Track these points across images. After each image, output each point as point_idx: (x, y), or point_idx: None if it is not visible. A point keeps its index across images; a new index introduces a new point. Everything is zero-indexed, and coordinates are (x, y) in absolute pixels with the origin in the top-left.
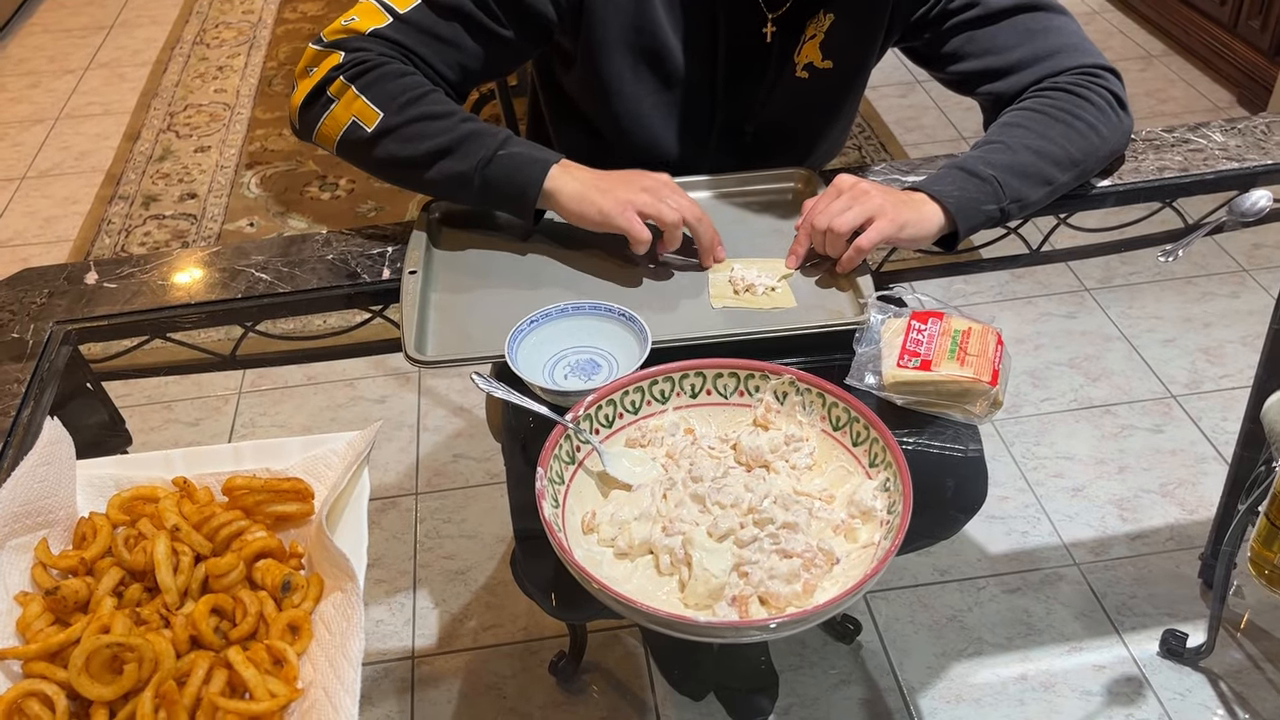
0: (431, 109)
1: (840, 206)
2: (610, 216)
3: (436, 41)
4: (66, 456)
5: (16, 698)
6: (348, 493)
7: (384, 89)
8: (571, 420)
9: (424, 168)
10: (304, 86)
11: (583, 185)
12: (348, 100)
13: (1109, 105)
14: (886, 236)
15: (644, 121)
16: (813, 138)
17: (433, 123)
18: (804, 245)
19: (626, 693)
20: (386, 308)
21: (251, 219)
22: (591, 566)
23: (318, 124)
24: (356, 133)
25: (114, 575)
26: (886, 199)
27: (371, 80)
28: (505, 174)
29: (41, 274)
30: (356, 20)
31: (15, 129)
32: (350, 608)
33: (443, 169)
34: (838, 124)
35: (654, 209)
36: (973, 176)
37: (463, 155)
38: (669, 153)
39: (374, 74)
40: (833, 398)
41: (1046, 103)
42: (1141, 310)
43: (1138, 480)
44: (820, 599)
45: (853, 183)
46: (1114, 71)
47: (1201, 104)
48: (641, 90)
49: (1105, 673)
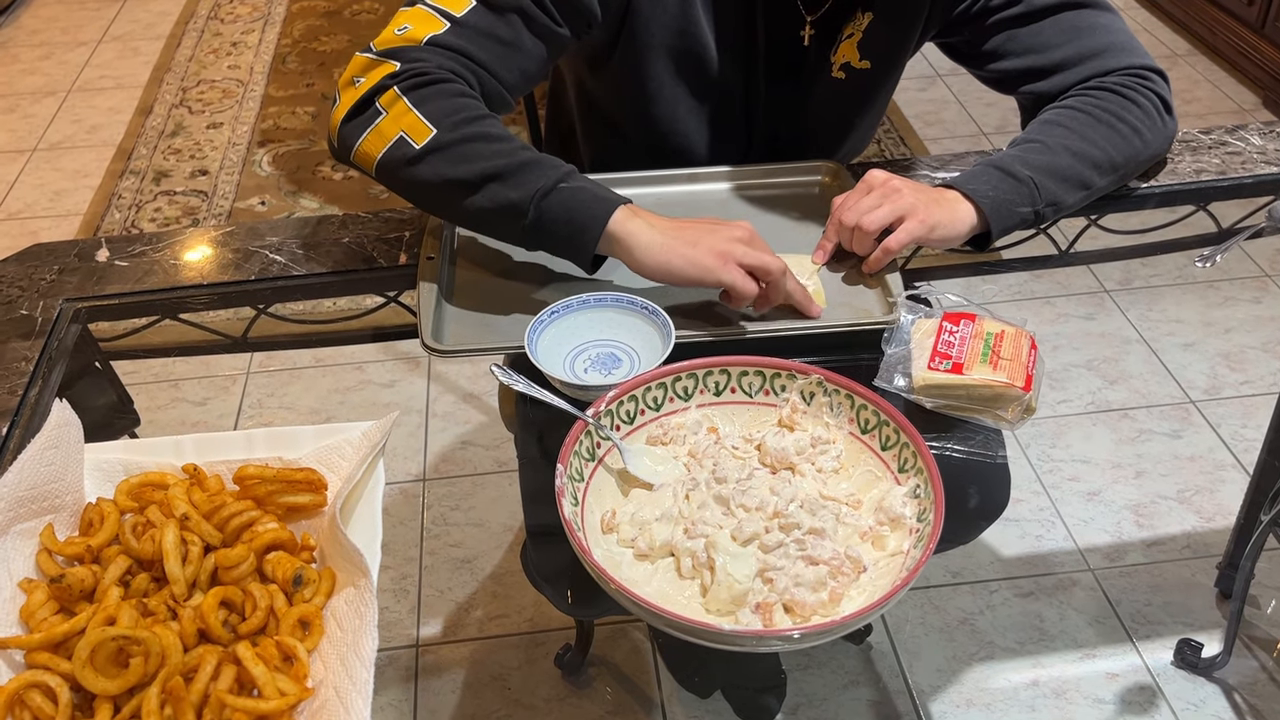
0: (490, 130)
1: (870, 204)
2: (711, 271)
3: (498, 45)
4: (75, 440)
5: (18, 689)
6: (362, 485)
7: (441, 105)
8: (592, 416)
9: (473, 190)
10: (349, 97)
11: (663, 235)
12: (398, 113)
13: (1155, 109)
14: (916, 238)
15: (680, 126)
16: (845, 136)
17: (490, 144)
18: (832, 241)
19: (632, 688)
20: (401, 294)
21: (263, 197)
22: (611, 567)
23: (359, 139)
24: (402, 149)
25: (121, 564)
26: (918, 197)
27: (429, 94)
28: (564, 209)
29: (51, 250)
30: (410, 29)
31: (27, 100)
32: (363, 604)
33: (493, 194)
34: (870, 121)
35: (757, 260)
36: (1009, 176)
37: (519, 182)
38: (701, 157)
39: (433, 88)
40: (862, 399)
41: (1090, 102)
42: (1162, 313)
43: (1155, 486)
44: (847, 608)
45: (884, 179)
46: (1161, 74)
47: (1227, 105)
48: (680, 93)
49: (1118, 681)
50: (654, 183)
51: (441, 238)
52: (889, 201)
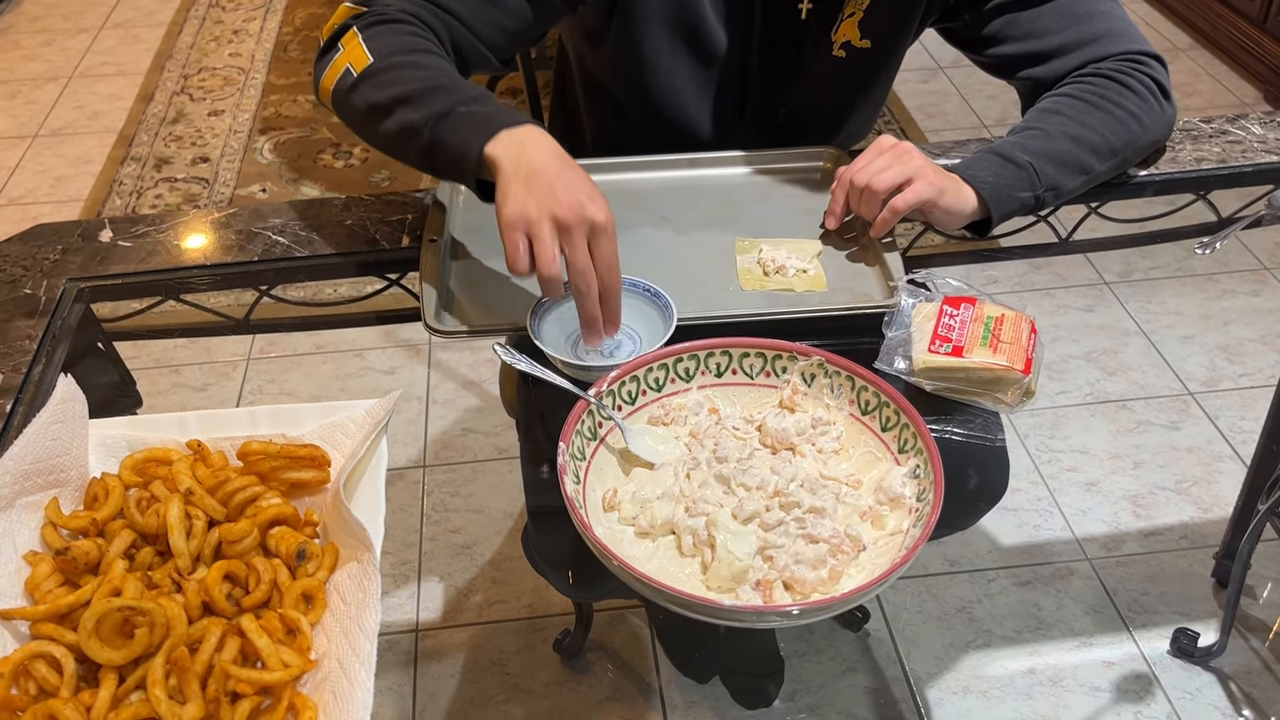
0: (422, 60)
1: (881, 165)
2: (500, 224)
3: None
4: (80, 415)
5: (24, 659)
6: (365, 461)
7: (387, 40)
8: (594, 396)
9: (386, 115)
10: (323, 38)
11: (515, 167)
12: (351, 48)
13: (1152, 94)
14: (924, 199)
15: (678, 99)
16: (845, 118)
17: (414, 70)
18: (840, 203)
19: (631, 673)
20: (404, 276)
21: (264, 185)
22: (612, 544)
23: (321, 74)
24: (345, 80)
25: (126, 537)
26: (927, 162)
27: (381, 31)
28: (454, 132)
29: (55, 230)
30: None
31: (29, 86)
32: (366, 578)
33: (400, 117)
34: (871, 104)
35: (541, 243)
36: (1008, 162)
37: (423, 104)
38: (701, 132)
39: (387, 26)
40: (863, 381)
41: (1087, 89)
42: (1161, 306)
43: (1153, 477)
44: (846, 586)
45: (894, 143)
46: (1159, 59)
47: (1228, 99)
48: (677, 66)
49: (1114, 669)
50: (656, 167)
51: (444, 219)
52: (899, 163)
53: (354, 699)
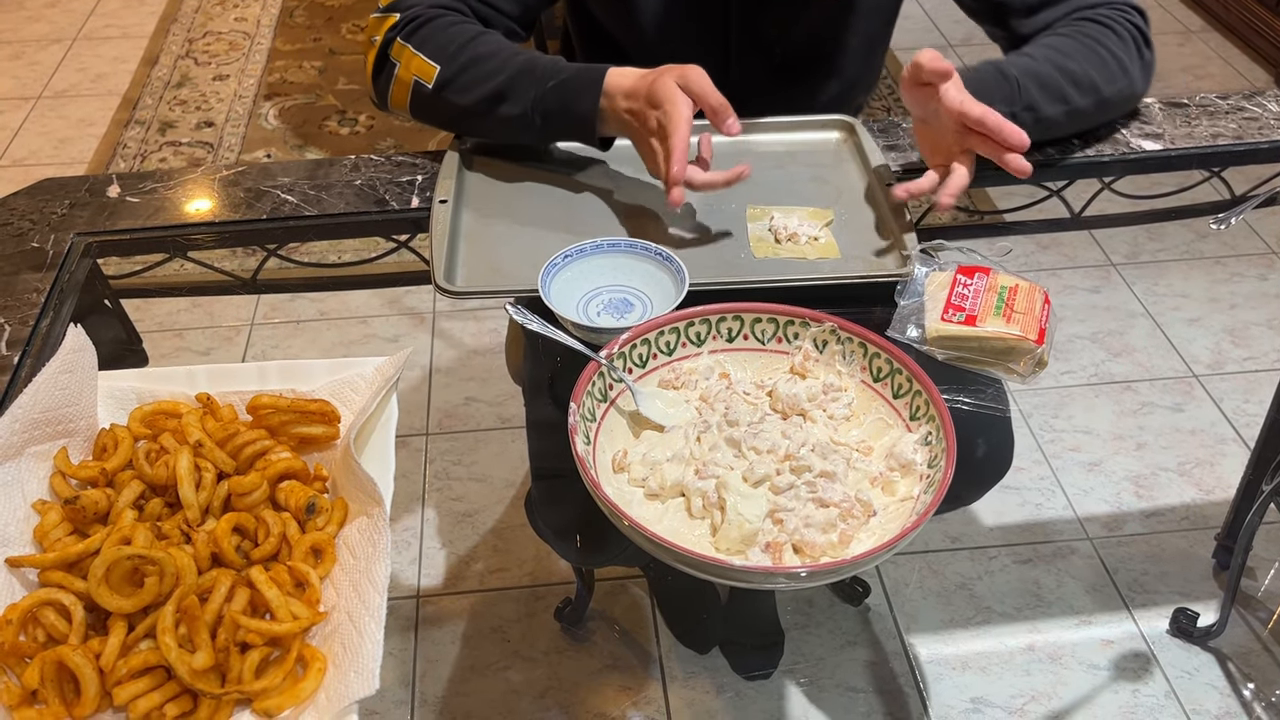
0: (480, 50)
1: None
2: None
3: None
4: (89, 365)
5: (32, 606)
6: (375, 417)
7: (438, 41)
8: (605, 358)
9: (484, 115)
10: (370, 56)
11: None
12: (407, 60)
13: (1134, 40)
14: None
15: (667, 34)
16: (843, 63)
17: (483, 64)
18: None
19: (631, 643)
20: (414, 237)
21: (269, 150)
22: (622, 505)
23: (388, 93)
24: (422, 92)
25: (135, 488)
26: None
27: (426, 35)
28: (561, 109)
29: (62, 184)
30: None
31: (33, 47)
32: (376, 533)
33: (503, 114)
34: (870, 51)
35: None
36: (998, 74)
37: (515, 98)
38: None
39: (427, 28)
40: (875, 348)
41: (1074, 30)
42: (1168, 288)
43: (1155, 458)
44: (856, 550)
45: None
46: (1141, 11)
47: (1239, 82)
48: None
49: (1114, 648)
50: None
51: (455, 180)
52: None
53: (363, 651)
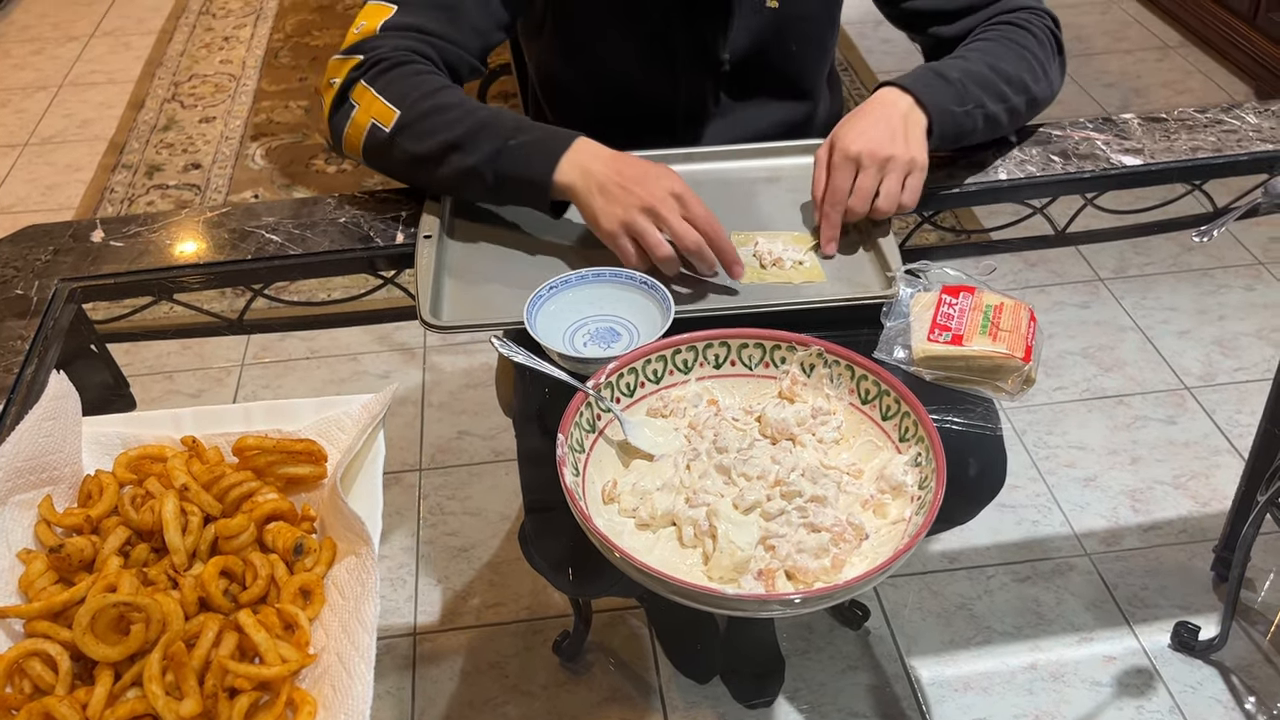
0: (446, 100)
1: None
2: (604, 237)
3: (443, 11)
4: (73, 412)
5: (18, 657)
6: (362, 455)
7: (401, 86)
8: (592, 388)
9: (438, 163)
10: (328, 98)
11: (588, 185)
12: (367, 103)
13: (1050, 43)
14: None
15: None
16: (796, 74)
17: (446, 114)
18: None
19: (630, 674)
20: (399, 273)
21: (257, 190)
22: (613, 536)
23: (343, 133)
24: (377, 135)
25: (120, 534)
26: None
27: (391, 79)
28: (515, 168)
29: (46, 231)
30: (366, 23)
31: (19, 95)
32: (365, 572)
33: (455, 164)
34: (819, 61)
35: (647, 237)
36: (940, 78)
37: (474, 148)
38: (647, 89)
39: (393, 72)
40: (862, 370)
41: (995, 34)
42: (1156, 301)
43: (1150, 472)
44: (849, 574)
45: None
46: (1054, 16)
47: (1219, 96)
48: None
49: (1116, 664)
50: None
51: (438, 216)
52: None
53: (353, 692)
